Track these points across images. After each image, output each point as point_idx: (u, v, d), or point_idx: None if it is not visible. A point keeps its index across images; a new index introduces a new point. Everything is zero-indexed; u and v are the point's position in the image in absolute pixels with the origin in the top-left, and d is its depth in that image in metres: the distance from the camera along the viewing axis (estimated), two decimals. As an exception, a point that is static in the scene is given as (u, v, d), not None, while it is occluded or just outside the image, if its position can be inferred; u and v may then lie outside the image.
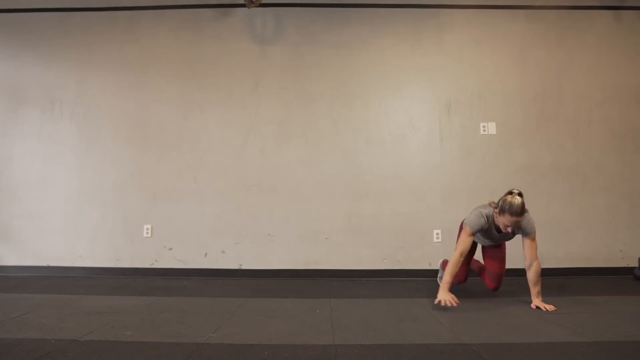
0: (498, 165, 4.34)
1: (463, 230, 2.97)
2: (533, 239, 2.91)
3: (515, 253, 4.20)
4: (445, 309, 2.82)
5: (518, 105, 4.41)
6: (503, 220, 2.83)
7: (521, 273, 4.14)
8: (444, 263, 3.61)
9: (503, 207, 2.81)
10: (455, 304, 2.73)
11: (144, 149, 4.47)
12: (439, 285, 3.51)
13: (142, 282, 3.93)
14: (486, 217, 2.96)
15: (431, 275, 4.15)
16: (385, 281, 4.03)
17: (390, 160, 4.36)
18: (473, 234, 2.95)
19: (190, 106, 4.49)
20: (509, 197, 2.82)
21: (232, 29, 4.57)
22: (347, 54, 4.51)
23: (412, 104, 4.44)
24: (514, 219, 2.78)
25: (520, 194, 2.84)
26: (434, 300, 3.00)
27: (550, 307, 2.78)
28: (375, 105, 4.44)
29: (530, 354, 1.94)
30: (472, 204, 4.24)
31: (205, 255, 4.31)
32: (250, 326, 2.43)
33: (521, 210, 2.77)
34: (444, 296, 2.78)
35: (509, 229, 2.84)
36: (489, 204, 3.00)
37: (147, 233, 4.36)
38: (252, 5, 4.31)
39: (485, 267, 3.31)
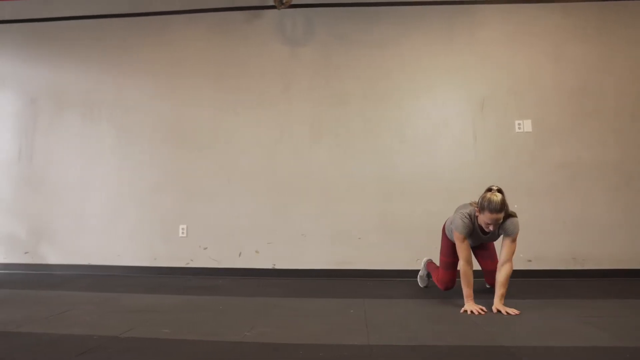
0: (534, 163, 4.23)
1: (455, 238, 2.90)
2: (513, 241, 2.81)
3: (554, 252, 4.10)
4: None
5: (555, 101, 4.29)
6: (483, 219, 2.77)
7: (559, 274, 4.04)
8: (429, 263, 3.57)
9: (482, 205, 2.75)
10: (482, 313, 2.68)
11: (179, 150, 4.56)
12: (418, 285, 3.66)
13: (178, 281, 4.02)
14: (469, 216, 2.90)
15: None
16: (414, 282, 3.98)
17: (423, 159, 4.31)
18: (465, 238, 2.88)
19: (223, 108, 4.56)
20: (488, 194, 2.75)
21: (263, 30, 4.62)
22: (378, 53, 4.48)
23: (445, 103, 4.38)
24: (494, 215, 2.70)
25: (500, 191, 2.77)
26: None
27: (513, 311, 2.68)
28: (407, 105, 4.40)
29: (571, 358, 1.88)
30: (509, 203, 4.15)
31: (240, 255, 4.37)
32: (285, 325, 2.45)
33: (501, 207, 2.69)
34: (471, 307, 2.73)
35: (491, 227, 2.77)
36: (470, 204, 2.94)
37: (182, 233, 4.45)
38: (282, 6, 4.34)
39: (481, 268, 3.29)
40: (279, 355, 1.93)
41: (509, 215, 2.81)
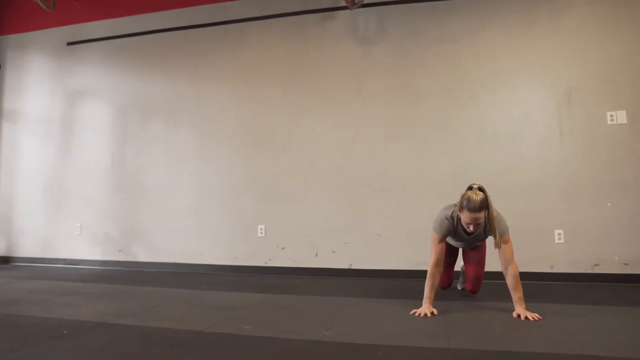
0: (630, 159, 3.89)
1: (432, 238, 2.81)
2: (507, 241, 2.68)
3: (655, 256, 3.76)
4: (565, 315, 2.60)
5: (654, 90, 3.92)
6: (463, 218, 2.65)
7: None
8: None
9: (462, 204, 2.63)
10: (430, 316, 2.63)
11: (257, 153, 4.70)
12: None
13: (257, 280, 4.14)
14: (451, 218, 2.77)
15: (553, 278, 3.85)
16: (500, 284, 3.78)
17: (504, 156, 4.12)
18: (442, 240, 2.78)
19: (298, 110, 4.64)
20: (468, 193, 2.63)
21: (336, 32, 4.64)
22: (454, 48, 4.34)
23: (526, 96, 4.15)
24: (473, 215, 2.58)
25: (481, 189, 2.63)
26: (558, 307, 2.86)
27: (535, 316, 2.51)
28: (485, 100, 4.22)
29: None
30: (600, 202, 3.88)
31: (316, 254, 4.42)
32: (363, 326, 2.44)
33: (480, 206, 2.56)
34: (425, 309, 2.67)
35: (471, 227, 2.64)
36: (455, 205, 2.78)
37: (261, 233, 4.58)
38: (354, 6, 4.33)
39: (465, 271, 3.18)
40: (358, 356, 1.93)
41: (494, 215, 2.67)
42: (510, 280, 2.67)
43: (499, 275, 3.92)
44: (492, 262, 4.02)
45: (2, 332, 2.28)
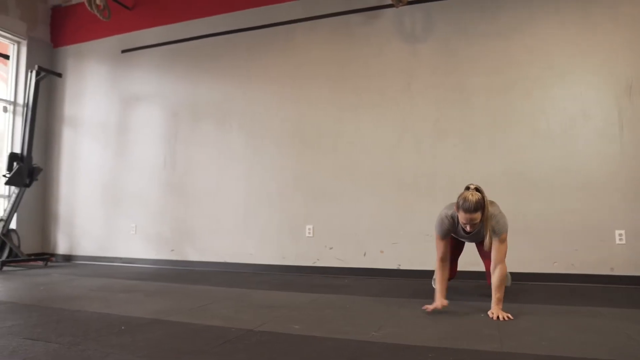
0: (700, 154, 3.64)
1: (435, 236, 2.89)
2: (502, 241, 2.71)
3: None
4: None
5: None
6: (460, 218, 2.68)
7: None
8: None
9: (458, 204, 2.66)
10: (440, 308, 2.68)
11: (304, 153, 4.73)
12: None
13: (305, 279, 4.16)
14: (451, 217, 2.82)
15: (614, 281, 3.66)
16: (556, 286, 3.66)
17: (559, 153, 3.95)
18: (443, 238, 2.85)
19: (345, 109, 4.63)
20: (465, 193, 2.67)
21: (382, 30, 4.60)
22: (503, 43, 4.20)
23: (582, 90, 3.96)
24: (468, 215, 2.60)
25: (477, 189, 2.66)
26: (620, 311, 2.73)
27: (507, 315, 2.54)
28: (538, 95, 4.06)
29: None
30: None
31: (364, 254, 4.40)
32: (412, 326, 2.40)
33: (475, 207, 2.58)
34: (435, 304, 2.71)
35: (468, 227, 2.67)
36: (455, 203, 2.74)
37: (309, 233, 4.61)
38: (400, 4, 4.28)
39: (484, 267, 3.16)
40: (407, 357, 1.90)
41: (494, 214, 2.69)
42: (495, 281, 2.68)
43: (548, 277, 3.80)
44: (542, 263, 3.89)
45: (65, 326, 2.40)
